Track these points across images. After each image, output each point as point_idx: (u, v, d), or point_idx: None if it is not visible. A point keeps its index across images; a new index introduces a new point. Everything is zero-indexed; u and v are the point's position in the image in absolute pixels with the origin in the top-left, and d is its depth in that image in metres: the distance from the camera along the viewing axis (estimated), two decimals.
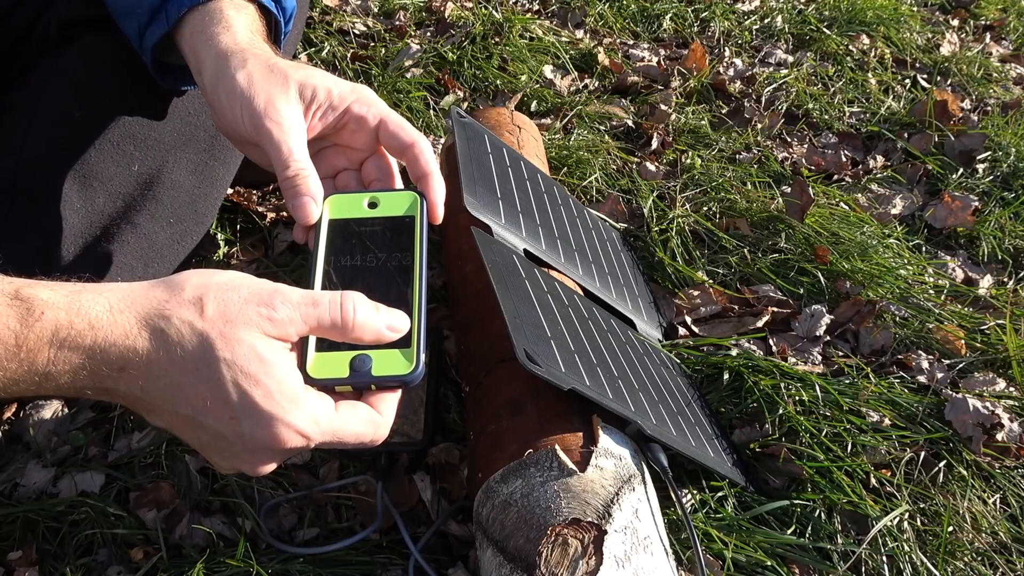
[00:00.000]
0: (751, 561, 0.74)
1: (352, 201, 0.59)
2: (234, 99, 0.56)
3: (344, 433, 0.49)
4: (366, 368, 0.50)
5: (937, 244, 1.20)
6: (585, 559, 0.57)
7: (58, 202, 0.70)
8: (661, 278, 1.09)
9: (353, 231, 0.57)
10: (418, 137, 0.59)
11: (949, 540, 0.77)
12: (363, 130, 0.60)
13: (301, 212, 0.56)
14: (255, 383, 0.45)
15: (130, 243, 0.74)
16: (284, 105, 0.56)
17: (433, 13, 1.71)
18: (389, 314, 0.51)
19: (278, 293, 0.48)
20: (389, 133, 0.60)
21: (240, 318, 0.45)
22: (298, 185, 0.55)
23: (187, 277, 0.47)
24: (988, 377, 0.94)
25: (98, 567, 0.73)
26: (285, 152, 0.55)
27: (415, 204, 0.58)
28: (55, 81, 0.74)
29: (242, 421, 0.45)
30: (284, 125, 0.56)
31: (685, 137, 1.39)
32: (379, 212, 0.58)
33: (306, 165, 0.56)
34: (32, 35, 0.76)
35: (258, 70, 0.57)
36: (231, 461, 0.49)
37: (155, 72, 0.70)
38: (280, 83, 0.57)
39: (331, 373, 0.50)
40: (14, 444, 0.84)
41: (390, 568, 0.73)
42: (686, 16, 1.79)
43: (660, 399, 0.77)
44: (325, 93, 0.58)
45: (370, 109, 0.60)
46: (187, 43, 0.62)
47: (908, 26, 1.81)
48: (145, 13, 0.64)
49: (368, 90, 0.61)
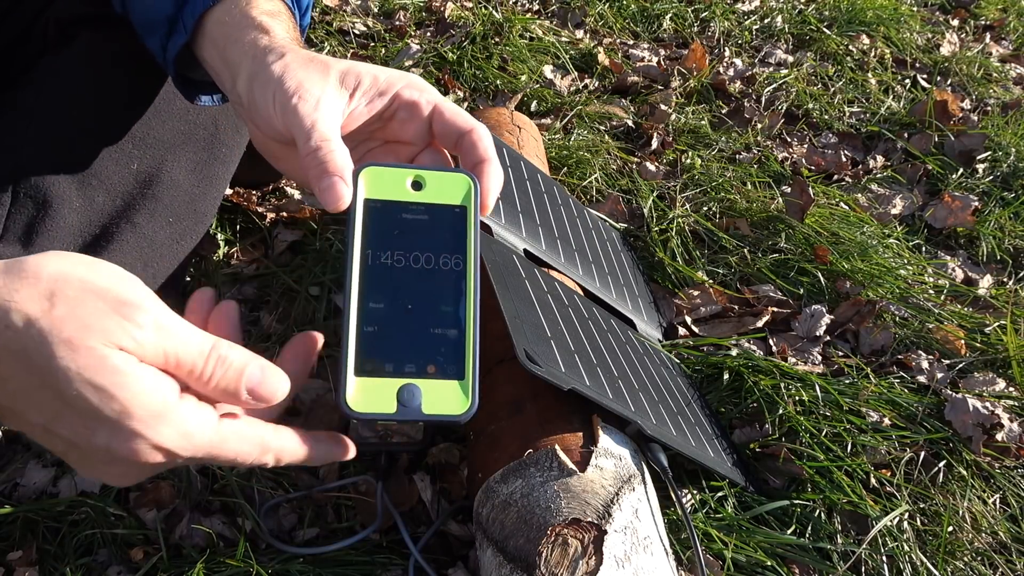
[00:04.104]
0: (751, 561, 0.74)
1: (392, 178, 0.48)
2: (267, 90, 0.50)
3: (222, 451, 0.43)
4: (415, 403, 0.43)
5: (937, 244, 1.20)
6: (585, 559, 0.57)
7: (57, 201, 0.70)
8: (661, 278, 1.09)
9: (393, 217, 0.47)
10: (476, 123, 0.52)
11: (949, 540, 0.77)
12: (414, 119, 0.53)
13: (329, 195, 0.46)
14: (109, 397, 0.39)
15: (129, 242, 0.74)
16: (319, 87, 0.50)
17: (433, 13, 1.71)
18: (265, 380, 0.43)
19: (144, 312, 0.40)
20: (444, 121, 0.52)
21: (95, 325, 0.38)
22: (324, 161, 0.47)
23: (47, 262, 0.40)
24: (988, 377, 0.94)
25: (98, 567, 0.73)
26: (308, 125, 0.48)
27: (469, 192, 0.49)
28: (53, 80, 0.74)
29: (96, 433, 0.40)
30: (312, 102, 0.49)
31: (685, 137, 1.39)
32: (425, 196, 0.48)
33: (332, 136, 0.48)
34: (31, 35, 0.76)
35: (296, 60, 0.52)
36: (91, 471, 0.44)
37: (180, 87, 0.67)
38: (319, 70, 0.51)
39: (376, 407, 0.43)
40: (14, 444, 0.84)
41: (390, 568, 0.73)
42: (686, 16, 1.79)
43: (660, 399, 0.77)
44: (371, 79, 0.52)
45: (423, 94, 0.53)
46: (212, 51, 0.58)
47: (908, 26, 1.81)
48: (163, 25, 0.61)
49: (418, 77, 0.54)
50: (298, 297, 1.00)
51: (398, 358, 0.44)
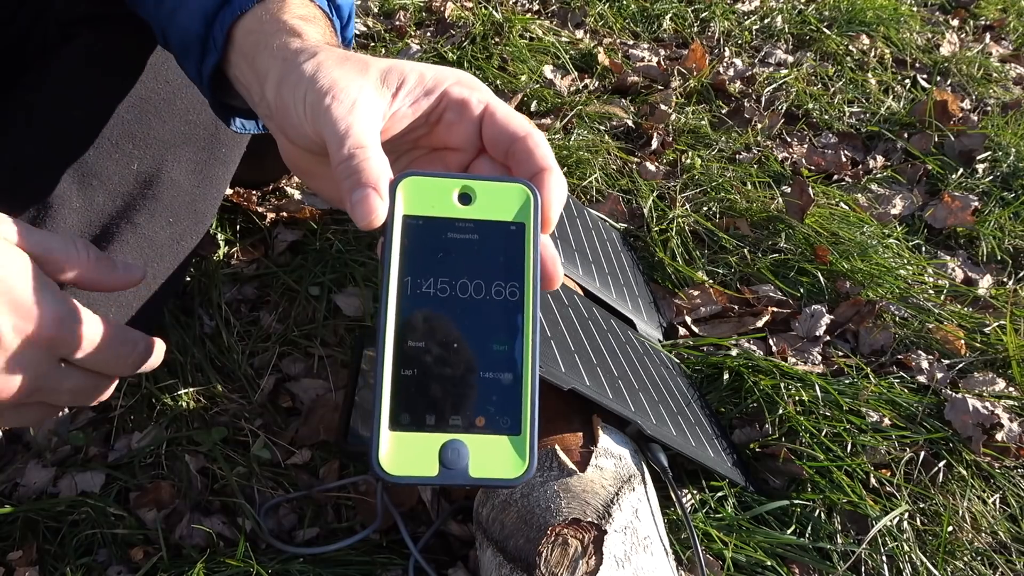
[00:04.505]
0: (751, 561, 0.74)
1: (436, 189, 0.41)
2: (298, 91, 0.45)
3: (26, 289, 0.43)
4: (462, 464, 0.37)
5: (937, 244, 1.20)
6: (585, 559, 0.57)
7: (57, 201, 0.70)
8: (661, 278, 1.09)
9: (437, 237, 0.40)
10: (532, 128, 0.46)
11: (949, 540, 0.77)
12: (464, 120, 0.46)
13: (361, 209, 0.39)
14: None
15: (129, 242, 0.74)
16: (356, 87, 0.44)
17: (433, 13, 1.71)
18: None
19: None
20: (496, 123, 0.46)
21: None
22: (358, 171, 0.40)
23: None
24: (988, 377, 0.94)
25: (98, 567, 0.73)
26: (342, 130, 0.42)
27: (527, 205, 0.41)
28: (53, 80, 0.74)
29: None
30: (348, 103, 0.43)
31: (685, 137, 1.39)
32: (475, 211, 0.41)
33: (368, 143, 0.42)
34: (32, 35, 0.76)
35: (331, 58, 0.46)
36: None
37: (218, 112, 0.61)
38: (357, 68, 0.45)
39: (414, 469, 0.37)
40: (14, 444, 0.84)
41: (390, 568, 0.73)
42: (686, 16, 1.79)
43: (660, 399, 0.77)
44: (417, 76, 0.46)
45: (473, 92, 0.46)
46: (242, 66, 0.53)
47: (908, 26, 1.81)
48: (196, 47, 0.55)
49: (470, 75, 0.48)
50: (298, 297, 1.00)
51: (441, 409, 0.38)
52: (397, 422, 0.37)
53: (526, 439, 0.37)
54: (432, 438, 0.37)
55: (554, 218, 0.43)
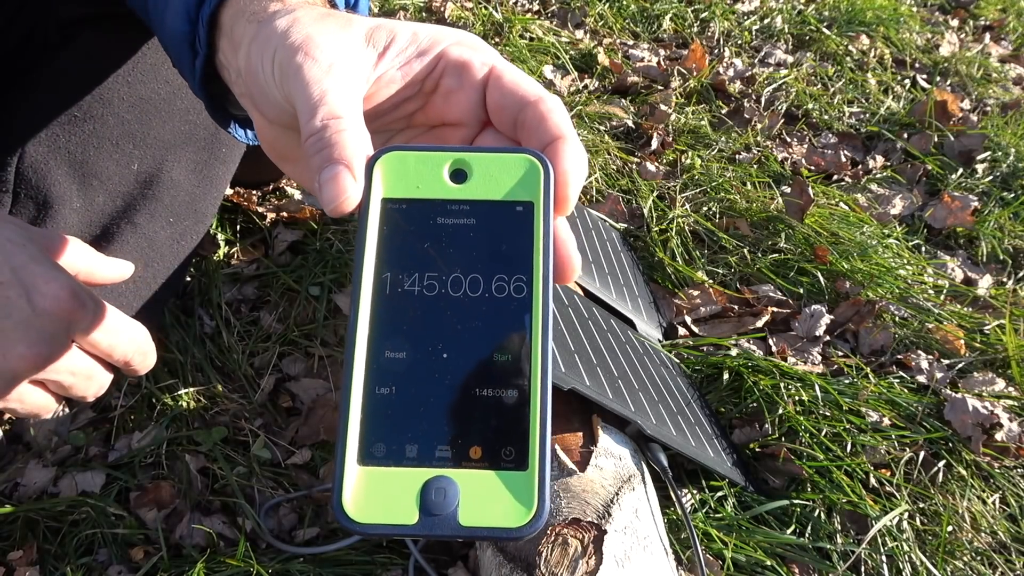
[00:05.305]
0: (751, 561, 0.74)
1: (423, 166, 0.34)
2: (267, 50, 0.38)
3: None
4: (449, 508, 0.28)
5: (937, 244, 1.20)
6: (585, 559, 0.57)
7: (58, 202, 0.70)
8: (661, 278, 1.09)
9: (424, 224, 0.33)
10: (545, 92, 0.37)
11: (948, 540, 0.77)
12: (465, 86, 0.39)
13: (328, 191, 0.33)
14: None
15: (130, 243, 0.74)
16: (335, 43, 0.37)
17: (433, 13, 1.71)
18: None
19: None
20: (503, 88, 0.37)
21: None
22: (329, 144, 0.33)
23: None
24: (987, 377, 0.94)
25: (98, 567, 0.73)
26: (315, 96, 0.35)
27: (536, 180, 0.33)
28: (53, 81, 0.74)
29: None
30: (324, 63, 0.36)
31: (685, 137, 1.39)
32: (472, 191, 0.33)
33: (345, 112, 0.35)
34: (32, 36, 0.76)
35: (308, 14, 0.39)
36: None
37: (215, 117, 0.54)
38: (338, 24, 0.38)
39: (386, 515, 0.28)
40: (14, 444, 0.84)
41: (390, 568, 0.73)
42: (686, 16, 1.79)
43: (660, 399, 0.77)
44: (409, 35, 0.38)
45: (475, 53, 0.39)
46: (227, 49, 0.46)
47: (908, 26, 1.81)
48: (186, 51, 0.49)
49: (472, 35, 0.40)
50: (298, 297, 1.00)
51: (425, 436, 0.29)
52: (369, 455, 0.29)
53: (534, 476, 0.28)
54: (412, 475, 0.28)
55: (572, 196, 0.34)
